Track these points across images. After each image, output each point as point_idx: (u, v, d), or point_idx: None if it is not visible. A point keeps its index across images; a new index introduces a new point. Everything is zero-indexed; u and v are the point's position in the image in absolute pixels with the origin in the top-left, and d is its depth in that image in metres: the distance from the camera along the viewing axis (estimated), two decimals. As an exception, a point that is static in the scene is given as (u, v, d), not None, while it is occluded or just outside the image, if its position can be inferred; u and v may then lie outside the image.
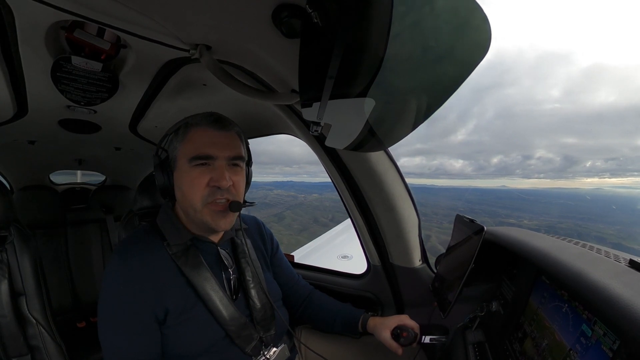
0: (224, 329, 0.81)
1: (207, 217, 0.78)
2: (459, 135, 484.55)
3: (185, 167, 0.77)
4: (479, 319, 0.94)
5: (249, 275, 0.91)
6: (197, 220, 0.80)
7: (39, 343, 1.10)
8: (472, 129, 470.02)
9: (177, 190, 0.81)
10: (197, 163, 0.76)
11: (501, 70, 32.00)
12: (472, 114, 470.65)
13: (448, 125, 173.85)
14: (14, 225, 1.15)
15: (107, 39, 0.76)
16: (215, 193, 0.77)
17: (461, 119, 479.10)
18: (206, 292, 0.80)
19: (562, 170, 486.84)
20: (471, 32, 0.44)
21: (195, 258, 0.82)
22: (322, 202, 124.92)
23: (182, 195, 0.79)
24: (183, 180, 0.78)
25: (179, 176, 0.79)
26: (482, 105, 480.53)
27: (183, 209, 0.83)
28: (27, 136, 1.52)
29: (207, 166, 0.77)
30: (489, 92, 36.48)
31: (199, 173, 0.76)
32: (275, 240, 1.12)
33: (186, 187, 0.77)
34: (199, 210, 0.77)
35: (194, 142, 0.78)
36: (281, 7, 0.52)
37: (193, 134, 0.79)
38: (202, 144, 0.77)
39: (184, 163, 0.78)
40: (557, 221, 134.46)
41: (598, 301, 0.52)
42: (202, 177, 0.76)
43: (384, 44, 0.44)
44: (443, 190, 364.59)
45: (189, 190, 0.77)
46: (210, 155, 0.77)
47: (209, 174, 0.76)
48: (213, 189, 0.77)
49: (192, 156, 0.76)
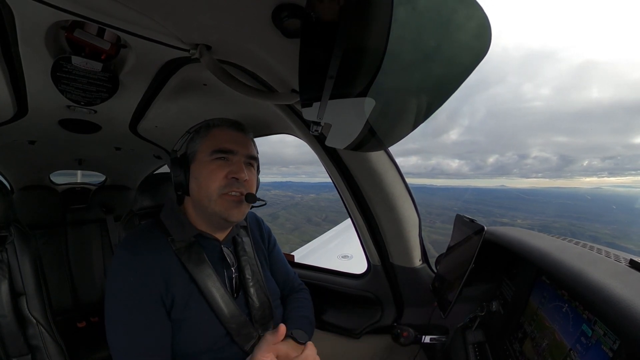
0: (225, 326, 0.81)
1: (220, 207, 0.81)
2: (452, 135, 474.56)
3: (206, 159, 0.82)
4: (479, 319, 0.94)
5: (249, 273, 0.92)
6: (210, 211, 0.82)
7: (39, 343, 1.10)
8: (464, 128, 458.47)
9: (194, 181, 0.84)
10: (217, 156, 0.82)
11: (487, 69, 30.90)
12: (463, 113, 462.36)
13: (438, 125, 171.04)
14: (14, 225, 1.15)
15: (107, 39, 0.76)
16: (232, 185, 0.81)
17: (452, 119, 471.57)
18: (208, 289, 0.81)
19: (559, 169, 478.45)
20: (471, 32, 0.44)
21: (198, 255, 0.83)
22: (317, 202, 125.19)
23: (199, 185, 0.82)
24: (201, 171, 0.82)
25: (197, 168, 0.83)
26: (471, 104, 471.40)
27: (196, 200, 0.84)
28: (27, 136, 1.52)
29: (226, 161, 0.83)
30: (477, 90, 35.49)
31: (218, 165, 0.82)
32: (272, 237, 1.13)
33: (204, 177, 0.81)
34: (214, 199, 0.81)
35: (216, 138, 0.84)
36: (281, 7, 0.52)
37: (215, 132, 0.85)
38: (224, 140, 0.83)
39: (204, 156, 0.82)
40: (552, 220, 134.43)
41: (598, 301, 0.52)
42: (221, 169, 0.81)
43: (384, 43, 0.44)
44: (441, 190, 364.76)
45: (207, 180, 0.81)
46: (231, 149, 0.83)
47: (227, 167, 0.82)
48: (231, 180, 0.81)
49: (214, 149, 0.82)
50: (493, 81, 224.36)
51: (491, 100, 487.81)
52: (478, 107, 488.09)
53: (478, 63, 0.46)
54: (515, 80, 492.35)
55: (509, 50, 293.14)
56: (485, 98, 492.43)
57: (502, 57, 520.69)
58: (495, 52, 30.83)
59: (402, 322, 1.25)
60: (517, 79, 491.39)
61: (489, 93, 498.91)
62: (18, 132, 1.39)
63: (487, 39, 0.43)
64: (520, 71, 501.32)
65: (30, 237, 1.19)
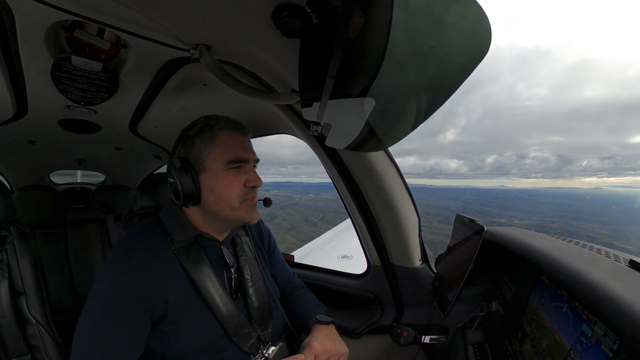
0: (223, 326, 0.81)
1: (243, 213, 0.84)
2: (449, 135, 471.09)
3: (220, 169, 0.81)
4: (479, 319, 0.94)
5: (248, 273, 0.92)
6: (231, 218, 0.84)
7: (38, 343, 1.10)
8: (460, 128, 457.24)
9: (209, 192, 0.81)
10: (233, 166, 0.82)
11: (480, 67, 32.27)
12: (458, 113, 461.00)
13: (435, 125, 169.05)
14: (14, 225, 1.15)
15: (107, 39, 0.76)
16: (250, 192, 0.84)
17: (447, 119, 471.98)
18: (206, 289, 0.81)
19: (558, 169, 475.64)
20: (471, 32, 0.44)
21: (197, 255, 0.83)
22: (315, 202, 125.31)
23: (217, 197, 0.81)
24: (219, 183, 0.81)
25: (211, 179, 0.81)
26: (466, 103, 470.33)
27: (211, 210, 0.83)
28: (27, 136, 1.52)
29: (240, 169, 0.83)
30: (472, 90, 35.07)
31: (234, 175, 0.82)
32: (272, 238, 1.13)
33: (222, 189, 0.81)
34: (237, 207, 0.82)
35: (227, 145, 0.82)
36: (281, 7, 0.52)
37: (222, 138, 0.83)
38: (236, 148, 0.83)
39: (218, 166, 0.81)
40: (550, 220, 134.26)
41: (598, 301, 0.52)
42: (238, 179, 0.82)
43: (384, 43, 0.44)
44: (441, 190, 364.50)
45: (227, 192, 0.81)
46: (245, 159, 0.83)
47: (243, 175, 0.83)
48: (249, 189, 0.83)
49: (230, 160, 0.81)
50: (486, 79, 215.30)
51: (486, 100, 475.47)
52: (472, 107, 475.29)
53: (478, 63, 0.46)
54: (508, 79, 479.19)
55: (502, 49, 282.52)
56: (478, 98, 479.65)
57: (495, 55, 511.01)
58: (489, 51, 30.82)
59: (402, 322, 1.25)
60: (509, 78, 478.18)
61: (483, 92, 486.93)
62: (18, 132, 1.39)
63: (487, 39, 0.43)
64: (512, 70, 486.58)
65: (30, 237, 1.19)
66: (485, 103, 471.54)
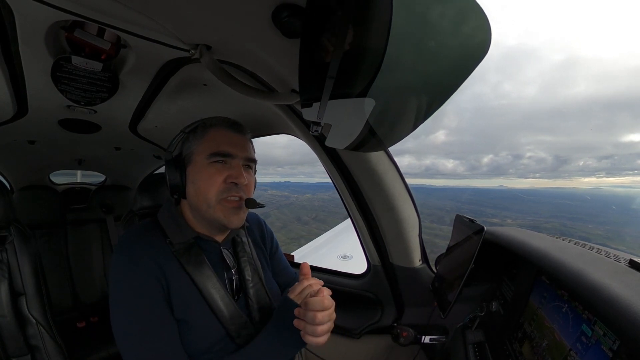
0: (225, 327, 0.81)
1: (219, 214, 0.79)
2: (440, 135, 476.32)
3: (203, 162, 0.79)
4: (479, 319, 0.94)
5: (248, 274, 0.91)
6: (208, 217, 0.80)
7: (38, 343, 1.10)
8: (449, 129, 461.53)
9: (191, 185, 0.81)
10: (215, 159, 0.79)
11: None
12: (447, 112, 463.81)
13: (426, 125, 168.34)
14: (14, 225, 1.15)
15: (107, 39, 0.76)
16: (230, 190, 0.79)
17: (436, 118, 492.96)
18: (208, 290, 0.80)
19: (555, 169, 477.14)
20: (471, 32, 0.44)
21: (197, 256, 0.82)
22: (311, 202, 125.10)
23: (196, 190, 0.80)
24: (199, 176, 0.79)
25: (194, 171, 0.80)
26: (456, 103, 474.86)
27: (194, 205, 0.82)
28: (27, 136, 1.52)
29: (225, 164, 0.80)
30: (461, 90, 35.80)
31: (216, 169, 0.79)
32: (275, 239, 1.12)
33: (202, 182, 0.79)
34: (212, 205, 0.79)
35: (214, 140, 0.80)
36: (281, 7, 0.52)
37: (212, 134, 0.81)
38: (222, 143, 0.80)
39: (201, 159, 0.79)
40: (544, 220, 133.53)
41: (598, 301, 0.52)
42: (219, 174, 0.78)
43: (384, 43, 0.44)
44: (439, 191, 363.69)
45: (205, 185, 0.78)
46: (230, 153, 0.79)
47: (226, 171, 0.79)
48: (229, 185, 0.79)
49: (212, 152, 0.78)
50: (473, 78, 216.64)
51: (474, 99, 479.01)
52: (459, 106, 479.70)
53: (478, 63, 0.46)
54: (493, 78, 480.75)
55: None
56: (467, 97, 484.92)
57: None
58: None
59: (402, 322, 1.25)
60: (493, 76, 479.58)
61: (469, 91, 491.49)
62: (18, 132, 1.39)
63: (487, 39, 0.43)
64: (496, 68, 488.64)
65: (30, 237, 1.19)
66: (476, 102, 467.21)
